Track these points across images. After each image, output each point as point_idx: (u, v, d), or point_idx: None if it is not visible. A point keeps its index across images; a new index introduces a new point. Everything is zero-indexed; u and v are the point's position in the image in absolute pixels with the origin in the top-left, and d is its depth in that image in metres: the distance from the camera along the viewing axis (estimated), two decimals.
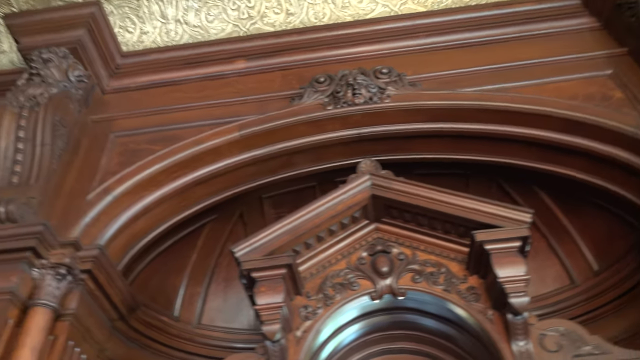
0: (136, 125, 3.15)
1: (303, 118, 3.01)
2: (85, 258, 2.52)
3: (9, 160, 2.65)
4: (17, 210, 2.40)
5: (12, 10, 3.47)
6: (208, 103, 3.20)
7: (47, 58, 2.99)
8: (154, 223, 3.03)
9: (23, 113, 2.76)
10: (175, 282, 3.43)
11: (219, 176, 3.08)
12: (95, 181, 2.86)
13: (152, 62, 3.44)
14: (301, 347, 2.50)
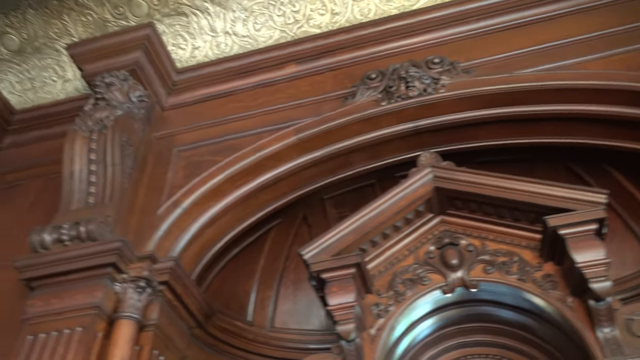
0: (197, 138, 3.24)
1: (358, 116, 3.00)
2: (162, 270, 2.62)
3: (84, 182, 2.80)
4: (96, 229, 2.53)
5: (73, 40, 3.66)
6: (263, 110, 3.25)
7: (109, 82, 3.13)
8: (222, 231, 3.11)
9: (93, 136, 2.90)
10: (246, 287, 3.51)
11: (281, 181, 3.12)
12: (163, 195, 2.96)
13: (206, 75, 3.53)
14: (376, 345, 2.51)
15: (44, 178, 3.42)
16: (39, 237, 2.58)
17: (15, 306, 2.73)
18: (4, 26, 3.71)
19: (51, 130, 3.70)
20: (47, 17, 3.64)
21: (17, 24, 3.71)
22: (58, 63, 3.83)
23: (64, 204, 2.76)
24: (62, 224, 2.60)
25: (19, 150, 3.71)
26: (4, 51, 3.83)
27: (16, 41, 3.78)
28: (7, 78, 3.93)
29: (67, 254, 2.49)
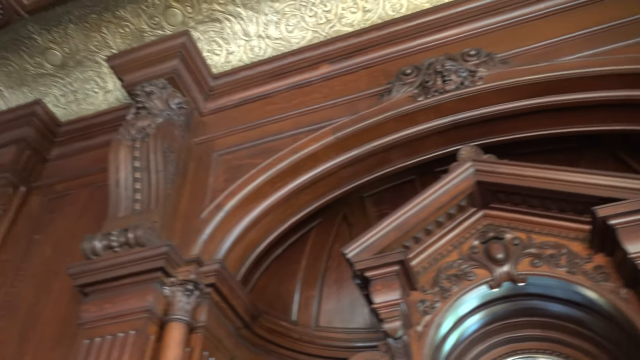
0: (235, 142, 3.29)
1: (394, 113, 2.99)
2: (208, 273, 2.67)
3: (130, 190, 2.87)
4: (143, 235, 2.60)
5: (112, 52, 3.77)
6: (300, 111, 3.27)
7: (149, 91, 3.21)
8: (265, 233, 3.15)
9: (136, 145, 2.98)
10: (290, 288, 3.54)
11: (320, 181, 3.14)
12: (206, 200, 3.02)
13: (241, 79, 3.58)
14: (423, 342, 2.49)
15: (91, 187, 3.54)
16: (90, 245, 2.66)
17: (70, 311, 2.84)
18: (47, 42, 3.85)
19: (95, 140, 3.83)
20: (87, 31, 3.76)
21: (59, 39, 3.84)
22: (99, 75, 3.95)
23: (111, 212, 2.84)
24: (111, 231, 2.68)
25: (66, 161, 3.84)
26: (48, 66, 3.97)
27: (59, 56, 3.91)
28: (52, 92, 4.08)
29: (118, 259, 2.56)
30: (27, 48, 3.89)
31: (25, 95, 4.12)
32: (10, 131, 3.84)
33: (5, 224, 3.53)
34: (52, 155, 3.94)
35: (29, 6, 3.52)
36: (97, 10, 3.66)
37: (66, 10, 3.66)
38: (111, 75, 3.88)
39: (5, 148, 3.77)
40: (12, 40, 3.86)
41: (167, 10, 3.59)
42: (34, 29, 3.78)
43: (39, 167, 3.85)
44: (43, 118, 3.87)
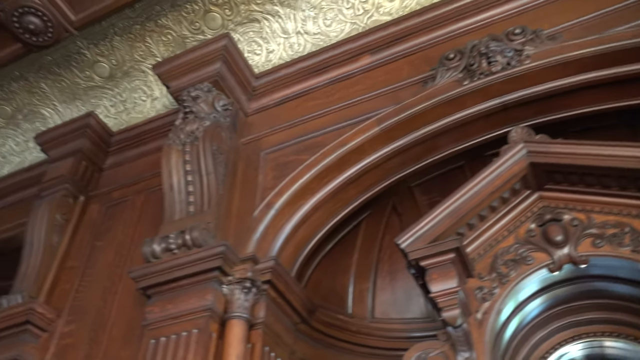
0: (281, 139, 3.32)
1: (440, 99, 2.94)
2: (264, 270, 2.72)
3: (183, 193, 2.95)
4: (200, 236, 2.66)
5: (157, 60, 3.86)
6: (342, 105, 3.27)
7: (195, 95, 3.28)
8: (315, 228, 3.17)
9: (186, 149, 3.05)
10: (344, 281, 3.55)
11: (367, 173, 3.13)
12: (257, 198, 3.06)
13: (282, 77, 3.60)
14: (484, 329, 2.46)
15: (146, 192, 3.65)
16: (150, 248, 2.75)
17: (135, 312, 2.95)
18: (95, 56, 3.99)
19: (147, 147, 3.94)
20: (131, 42, 3.87)
21: (106, 52, 3.97)
22: (145, 83, 4.06)
23: (167, 215, 2.93)
24: (169, 234, 2.76)
25: (120, 169, 3.98)
26: (97, 79, 4.12)
27: (107, 68, 4.05)
28: (102, 103, 4.23)
29: (177, 261, 2.64)
30: (77, 63, 4.05)
31: (78, 109, 4.29)
32: (67, 144, 4.01)
33: (69, 233, 3.69)
34: (107, 164, 4.09)
35: (77, 22, 3.66)
36: (140, 21, 3.76)
37: (111, 23, 3.78)
38: (157, 83, 3.99)
39: (64, 160, 3.93)
40: (63, 57, 4.02)
41: (206, 14, 3.66)
42: (83, 44, 3.92)
43: (95, 177, 4.00)
44: (96, 129, 4.02)
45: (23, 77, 4.21)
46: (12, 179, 4.50)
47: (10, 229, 4.18)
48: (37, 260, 3.46)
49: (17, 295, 3.26)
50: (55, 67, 4.09)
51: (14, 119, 4.49)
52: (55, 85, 4.21)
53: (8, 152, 4.66)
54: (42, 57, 4.04)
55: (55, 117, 4.39)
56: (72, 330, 3.19)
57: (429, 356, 2.52)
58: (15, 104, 4.39)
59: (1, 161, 4.70)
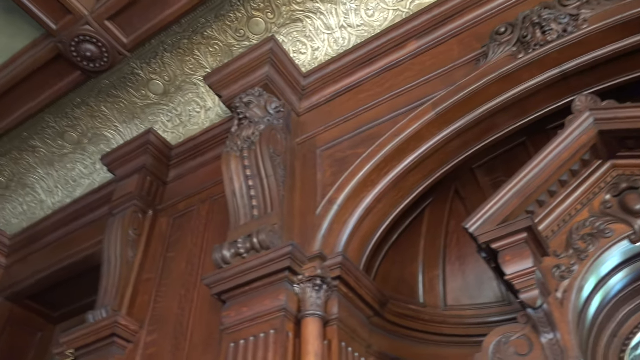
0: (336, 135, 3.32)
1: (495, 76, 2.85)
2: (333, 266, 2.72)
3: (246, 198, 3.01)
4: (267, 238, 2.71)
5: (207, 71, 3.96)
6: (394, 93, 3.23)
7: (247, 101, 3.33)
8: (379, 220, 3.15)
9: (244, 154, 3.11)
10: (413, 270, 3.51)
11: (426, 159, 3.08)
12: (318, 196, 3.08)
13: (330, 73, 3.60)
14: (566, 308, 2.36)
15: (210, 200, 3.75)
16: (220, 254, 2.82)
17: (212, 318, 3.04)
18: (148, 74, 4.13)
19: (206, 157, 4.05)
20: (181, 57, 3.98)
21: (158, 70, 4.11)
22: (198, 95, 4.17)
23: (233, 221, 2.99)
24: (237, 239, 2.82)
25: (183, 181, 4.10)
26: (153, 96, 4.27)
27: (160, 85, 4.19)
28: (159, 119, 4.37)
29: (247, 264, 2.69)
30: (132, 83, 4.21)
31: (137, 127, 4.46)
32: (131, 162, 4.17)
33: (142, 247, 3.84)
34: (170, 177, 4.23)
35: (129, 45, 3.81)
36: (187, 35, 3.86)
37: (160, 41, 3.90)
38: (209, 94, 4.08)
39: (130, 178, 4.10)
40: (119, 79, 4.19)
41: (250, 21, 3.71)
42: (136, 64, 4.07)
43: (160, 191, 4.14)
44: (157, 145, 4.16)
45: (84, 102, 4.42)
46: (84, 200, 4.74)
47: (88, 247, 4.41)
48: (116, 275, 3.62)
49: (102, 309, 3.43)
50: (113, 90, 4.27)
51: (80, 144, 4.72)
52: (115, 107, 4.40)
53: (78, 175, 4.91)
54: (100, 82, 4.23)
55: (118, 138, 4.58)
56: (154, 339, 3.31)
57: (510, 340, 2.45)
58: (80, 130, 4.62)
59: (73, 185, 4.95)
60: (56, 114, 4.53)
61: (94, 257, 4.26)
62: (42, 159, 4.87)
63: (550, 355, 2.29)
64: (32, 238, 4.94)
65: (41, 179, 5.02)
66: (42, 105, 4.36)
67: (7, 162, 4.91)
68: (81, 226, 4.66)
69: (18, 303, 4.84)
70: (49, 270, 4.56)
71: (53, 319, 5.00)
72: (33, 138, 4.71)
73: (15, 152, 4.84)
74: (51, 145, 4.77)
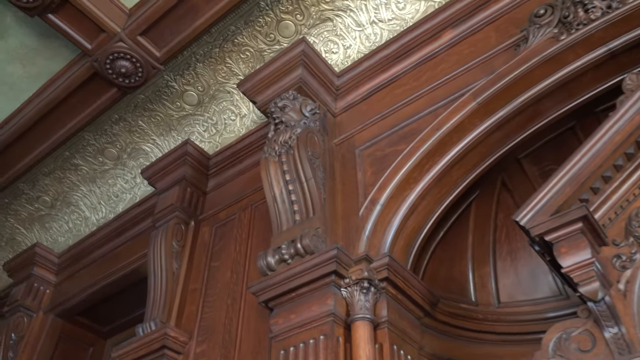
0: (374, 133, 3.31)
1: (537, 60, 2.78)
2: (379, 268, 2.70)
3: (287, 203, 3.02)
4: (311, 243, 2.71)
5: (239, 79, 4.01)
6: (432, 86, 3.20)
7: (282, 105, 3.35)
8: (424, 218, 3.11)
9: (282, 159, 3.12)
10: (462, 268, 3.45)
11: (470, 152, 3.03)
12: (359, 196, 3.07)
13: (364, 71, 3.59)
14: (629, 300, 2.27)
15: (250, 207, 3.79)
16: (264, 261, 2.84)
17: (260, 325, 3.06)
18: (182, 86, 4.22)
19: (244, 164, 4.09)
20: (213, 66, 4.05)
21: (191, 80, 4.19)
22: (232, 103, 4.23)
23: (275, 227, 3.01)
24: (280, 245, 2.83)
25: (222, 190, 4.17)
26: (188, 107, 4.35)
27: (194, 96, 4.27)
28: (196, 130, 4.45)
29: (292, 270, 2.70)
30: (167, 96, 4.30)
31: (174, 139, 4.55)
32: (171, 174, 4.26)
33: (186, 258, 3.91)
34: (209, 187, 4.29)
35: (162, 58, 3.89)
36: (218, 44, 3.92)
37: (192, 52, 3.97)
38: (243, 100, 4.13)
39: (170, 190, 4.18)
40: (154, 93, 4.29)
41: (279, 24, 3.74)
42: (170, 77, 4.16)
43: (201, 201, 4.21)
44: (195, 155, 4.23)
45: (122, 118, 4.55)
46: (127, 215, 4.87)
47: (134, 261, 4.53)
48: (162, 287, 3.70)
49: (151, 322, 3.50)
50: (148, 104, 4.38)
51: (120, 159, 4.86)
52: (151, 121, 4.50)
53: (120, 190, 5.05)
54: (136, 97, 4.34)
55: (156, 151, 4.69)
56: (204, 350, 3.37)
57: (571, 336, 2.37)
58: (119, 145, 4.75)
59: (115, 200, 5.10)
60: (95, 131, 4.68)
61: (140, 270, 4.37)
62: (84, 177, 5.04)
63: (615, 350, 2.20)
64: (79, 255, 5.11)
65: (84, 196, 5.19)
66: (82, 124, 4.52)
67: (52, 181, 5.09)
68: (125, 240, 4.79)
69: (69, 319, 5.01)
70: (96, 286, 4.71)
71: (103, 333, 5.16)
72: (74, 156, 4.87)
73: (58, 172, 5.01)
74: (92, 163, 4.92)
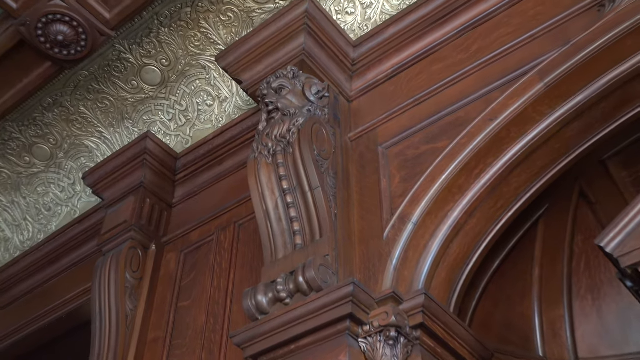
0: (404, 125, 3.31)
1: (629, 26, 2.79)
2: (412, 310, 2.70)
3: (285, 220, 3.03)
4: (317, 276, 2.71)
5: (219, 49, 4.03)
6: (483, 60, 3.20)
7: (277, 87, 3.37)
8: (472, 241, 3.11)
9: (278, 160, 3.13)
10: (524, 310, 3.47)
11: (535, 151, 3.03)
12: (384, 212, 3.07)
13: (390, 39, 3.60)
14: None
15: (233, 226, 3.80)
16: (253, 301, 2.84)
17: None
18: (140, 59, 4.25)
19: (224, 166, 4.12)
20: (183, 31, 4.08)
21: (153, 51, 4.22)
22: (208, 82, 4.25)
23: (268, 253, 3.01)
24: (275, 279, 2.84)
25: (195, 201, 4.18)
26: (147, 87, 4.38)
27: (157, 72, 4.30)
28: (158, 118, 4.48)
29: (292, 314, 2.69)
30: (119, 73, 4.34)
31: (129, 131, 4.58)
32: (124, 179, 4.28)
33: (144, 295, 3.92)
34: (176, 197, 4.32)
35: (113, 21, 3.93)
36: (190, 2, 3.95)
37: (154, 13, 4.01)
38: (224, 79, 4.15)
39: (123, 202, 4.21)
40: (102, 69, 4.32)
41: None
42: (123, 46, 4.19)
43: (165, 216, 4.24)
44: (156, 154, 4.25)
45: (57, 103, 4.58)
46: (63, 236, 4.89)
47: (71, 300, 4.55)
48: (112, 336, 3.71)
49: None
50: (94, 84, 4.41)
51: (53, 160, 4.89)
52: (97, 106, 4.53)
53: (52, 202, 5.08)
54: (77, 74, 4.38)
55: (103, 148, 4.72)
56: None
57: None
58: (52, 140, 4.79)
59: (46, 215, 5.12)
60: (21, 120, 4.71)
61: (81, 312, 4.40)
62: (4, 183, 5.07)
63: None
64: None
65: (4, 209, 5.22)
66: (2, 111, 4.54)
67: None
68: (61, 271, 4.81)
69: None
70: (20, 334, 4.73)
71: None
72: None
73: None
74: (15, 164, 4.95)
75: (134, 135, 4.56)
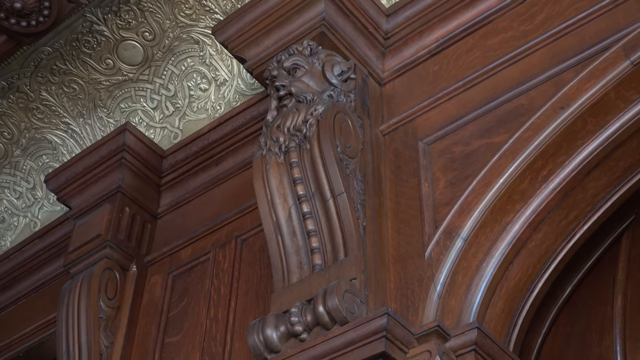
0: (450, 114, 3.32)
1: None
2: (461, 348, 2.69)
3: (300, 236, 3.03)
4: (341, 305, 2.70)
5: (216, 19, 4.04)
6: (552, 32, 3.20)
7: (290, 66, 3.36)
8: (537, 262, 3.11)
9: (292, 159, 3.13)
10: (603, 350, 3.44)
11: (618, 147, 3.04)
12: (425, 225, 3.07)
13: (434, 5, 3.60)
14: None
15: (233, 242, 3.81)
16: (261, 337, 2.84)
17: None
18: (117, 31, 4.28)
19: (222, 167, 4.14)
20: None
21: (132, 22, 4.24)
22: (203, 61, 4.27)
23: (279, 276, 3.02)
24: (288, 309, 2.84)
25: (186, 210, 4.20)
26: (126, 67, 4.41)
27: (138, 48, 4.32)
28: (139, 107, 4.50)
29: (310, 352, 2.69)
30: (91, 49, 4.36)
31: (103, 123, 4.60)
32: (96, 183, 4.29)
33: (122, 330, 3.93)
34: (162, 206, 4.33)
35: None
36: None
37: None
38: (223, 56, 4.17)
39: (96, 211, 4.20)
40: (69, 44, 4.35)
41: None
42: (96, 16, 4.21)
43: (148, 229, 4.25)
44: (137, 151, 4.26)
45: (13, 87, 4.60)
46: (20, 254, 4.91)
47: (31, 334, 4.56)
48: None
49: None
50: (59, 63, 4.44)
51: (8, 158, 4.92)
52: (64, 91, 4.56)
53: (7, 211, 5.11)
54: (39, 51, 4.39)
55: (70, 143, 4.74)
56: None
57: None
58: (7, 133, 4.81)
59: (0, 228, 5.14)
60: None
61: (43, 348, 4.41)
62: None
63: None
64: None
65: None
66: None
67: None
68: (17, 297, 4.84)
69: None
70: None
71: None
72: None
73: None
74: None
75: (109, 128, 4.57)
